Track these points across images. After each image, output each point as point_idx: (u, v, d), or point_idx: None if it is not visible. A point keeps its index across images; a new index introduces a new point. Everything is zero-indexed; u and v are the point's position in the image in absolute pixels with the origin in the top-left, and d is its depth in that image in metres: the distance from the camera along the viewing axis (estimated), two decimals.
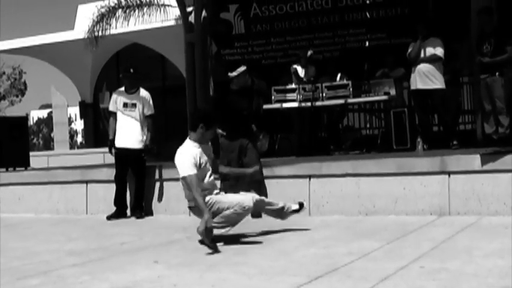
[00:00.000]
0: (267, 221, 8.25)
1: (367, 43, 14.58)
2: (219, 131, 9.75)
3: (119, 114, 10.41)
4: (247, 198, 7.15)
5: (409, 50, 11.47)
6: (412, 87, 11.57)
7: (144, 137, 10.41)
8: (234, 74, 9.40)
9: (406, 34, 13.46)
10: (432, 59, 11.18)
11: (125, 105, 10.39)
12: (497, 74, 10.48)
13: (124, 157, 10.34)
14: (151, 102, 10.54)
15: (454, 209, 8.24)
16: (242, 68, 9.44)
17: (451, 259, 5.56)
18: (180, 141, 7.47)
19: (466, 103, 13.73)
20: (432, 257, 5.74)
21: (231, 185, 8.67)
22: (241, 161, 9.23)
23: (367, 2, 14.57)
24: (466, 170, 8.24)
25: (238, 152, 9.32)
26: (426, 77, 11.21)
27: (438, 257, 5.72)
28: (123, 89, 10.55)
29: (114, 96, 10.61)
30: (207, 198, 7.03)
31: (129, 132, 10.31)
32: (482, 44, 10.69)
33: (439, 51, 11.17)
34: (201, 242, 6.90)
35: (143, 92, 10.52)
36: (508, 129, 10.45)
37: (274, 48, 15.41)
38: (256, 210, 7.76)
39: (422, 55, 11.27)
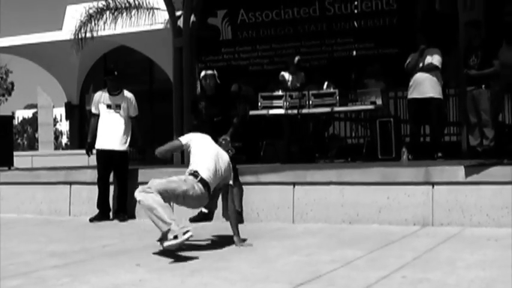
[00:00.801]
0: (250, 228, 8.24)
1: (354, 52, 14.63)
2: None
3: (102, 116, 10.36)
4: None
5: (408, 60, 11.49)
6: (409, 96, 11.62)
7: (128, 139, 10.39)
8: (201, 75, 9.54)
9: (394, 44, 13.55)
10: (428, 68, 11.21)
11: (109, 106, 10.35)
12: (483, 86, 10.54)
13: (107, 159, 10.29)
14: (135, 103, 10.52)
15: (437, 219, 8.26)
16: (208, 72, 9.52)
17: (433, 269, 5.56)
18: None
19: (452, 115, 13.79)
20: (414, 267, 5.74)
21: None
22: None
23: (355, 11, 14.63)
24: (450, 181, 8.27)
25: None
26: (423, 86, 11.24)
27: (420, 267, 5.72)
28: (106, 90, 10.51)
29: (96, 97, 10.54)
30: None
31: (113, 134, 10.27)
32: (470, 57, 10.75)
33: (436, 60, 11.20)
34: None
35: (127, 94, 10.49)
36: (492, 142, 10.51)
37: (260, 55, 15.44)
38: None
39: (420, 65, 11.30)
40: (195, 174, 6.97)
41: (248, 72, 15.26)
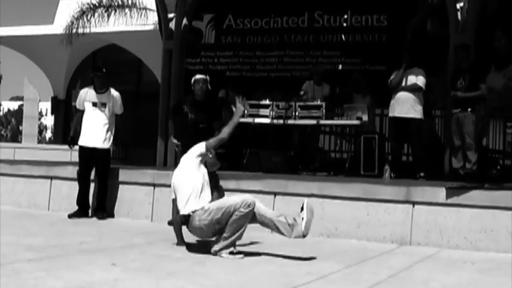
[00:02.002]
0: None
1: (340, 66, 14.64)
2: (174, 140, 9.86)
3: (87, 113, 10.32)
4: (245, 196, 7.15)
5: (391, 77, 11.55)
6: (390, 114, 11.66)
7: (112, 137, 10.35)
8: (193, 79, 9.54)
9: (382, 61, 13.58)
10: (412, 89, 11.27)
11: (94, 104, 10.30)
12: (469, 110, 10.57)
13: (89, 156, 10.26)
14: (121, 102, 10.48)
15: (415, 239, 8.28)
16: (200, 76, 9.53)
17: None
18: (150, 146, 7.47)
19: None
20: (389, 284, 5.76)
21: None
22: None
23: (344, 25, 14.65)
24: (431, 201, 8.29)
25: None
26: (404, 106, 11.29)
27: (395, 285, 5.74)
28: (92, 87, 10.46)
29: (82, 94, 10.47)
30: (206, 206, 7.00)
31: (96, 132, 10.23)
32: (457, 79, 10.78)
33: (420, 81, 11.27)
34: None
35: (114, 92, 10.44)
36: (474, 166, 10.54)
37: (241, 61, 15.42)
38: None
39: (403, 84, 11.36)
40: None
41: (225, 77, 15.21)
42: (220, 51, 15.60)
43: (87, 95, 10.36)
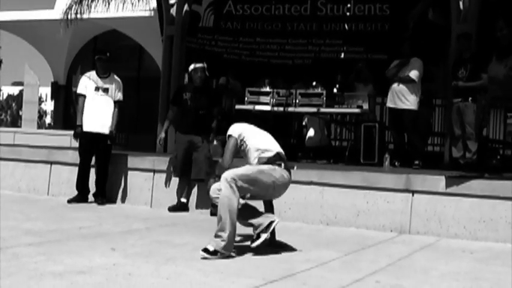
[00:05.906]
0: None
1: (342, 55, 14.62)
2: (162, 134, 10.07)
3: (89, 98, 10.28)
4: None
5: (390, 67, 11.53)
6: (387, 104, 11.68)
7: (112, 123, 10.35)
8: (190, 67, 9.64)
9: (384, 50, 13.55)
10: (405, 80, 11.26)
11: (97, 89, 10.29)
12: (470, 99, 10.54)
13: (90, 141, 10.24)
14: (122, 88, 10.49)
15: (414, 227, 8.29)
16: (198, 65, 9.60)
17: (407, 277, 5.59)
18: (150, 133, 7.46)
19: (437, 125, 13.83)
20: (388, 272, 5.76)
21: None
22: (189, 156, 9.37)
23: (348, 14, 14.61)
24: (430, 190, 8.29)
25: (186, 147, 9.44)
26: (398, 97, 11.31)
27: (394, 273, 5.74)
28: (94, 72, 10.44)
29: (84, 78, 10.45)
30: None
31: (99, 117, 10.22)
32: (459, 69, 10.75)
33: (413, 73, 11.24)
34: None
35: (116, 78, 10.45)
36: (475, 155, 10.52)
37: (241, 47, 15.37)
38: None
39: (400, 74, 11.34)
40: (278, 163, 6.85)
41: (227, 64, 15.17)
42: (219, 35, 15.53)
43: (89, 80, 10.33)
